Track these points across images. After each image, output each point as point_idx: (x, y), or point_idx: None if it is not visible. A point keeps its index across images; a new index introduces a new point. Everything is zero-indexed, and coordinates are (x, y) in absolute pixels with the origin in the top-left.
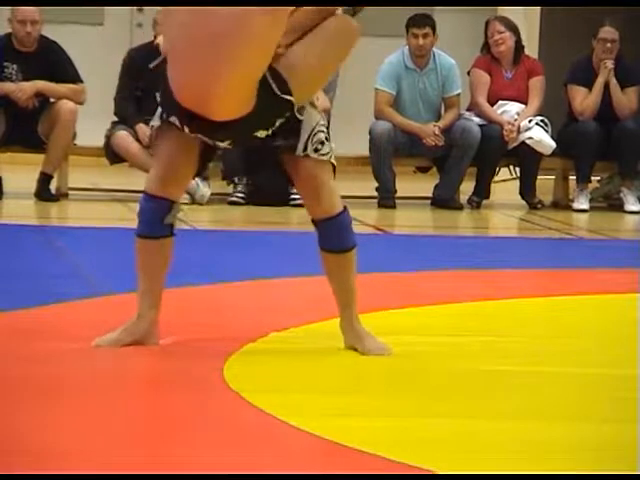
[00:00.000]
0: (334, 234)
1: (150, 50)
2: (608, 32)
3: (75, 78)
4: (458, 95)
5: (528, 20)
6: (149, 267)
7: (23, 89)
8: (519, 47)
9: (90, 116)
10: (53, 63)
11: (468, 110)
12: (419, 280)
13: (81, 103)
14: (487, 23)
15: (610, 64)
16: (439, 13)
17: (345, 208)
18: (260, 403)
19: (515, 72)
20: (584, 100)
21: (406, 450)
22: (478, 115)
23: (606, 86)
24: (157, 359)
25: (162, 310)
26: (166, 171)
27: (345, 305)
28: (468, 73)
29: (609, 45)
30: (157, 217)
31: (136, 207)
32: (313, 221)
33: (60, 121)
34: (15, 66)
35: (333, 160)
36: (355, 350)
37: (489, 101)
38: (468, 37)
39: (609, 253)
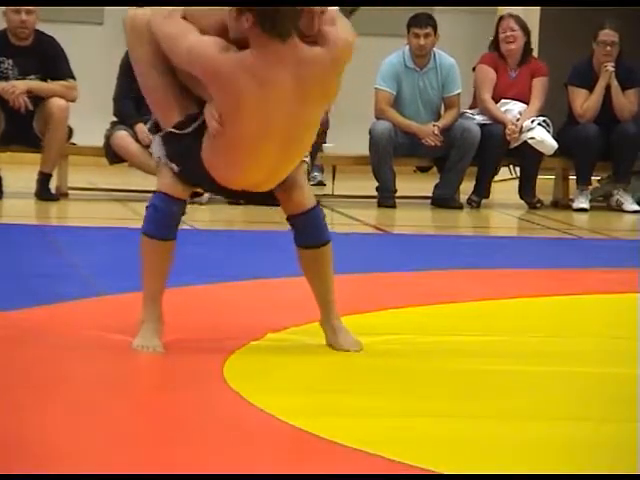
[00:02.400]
0: (309, 229)
1: None
2: (608, 35)
3: (67, 75)
4: (458, 95)
5: (528, 21)
6: (161, 269)
7: (15, 85)
8: (528, 48)
9: (90, 116)
10: (49, 58)
11: (471, 108)
12: (419, 280)
13: (72, 100)
14: (500, 19)
15: (611, 67)
16: (438, 13)
17: (318, 203)
18: (260, 403)
19: (520, 72)
20: (585, 102)
21: (406, 450)
22: (482, 112)
23: (606, 88)
24: (157, 359)
25: (162, 310)
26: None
27: (324, 301)
28: (473, 69)
29: (609, 48)
30: (176, 219)
31: (136, 207)
32: (288, 218)
33: (52, 119)
34: (11, 61)
35: (307, 159)
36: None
37: (492, 99)
38: (467, 37)
39: (609, 253)
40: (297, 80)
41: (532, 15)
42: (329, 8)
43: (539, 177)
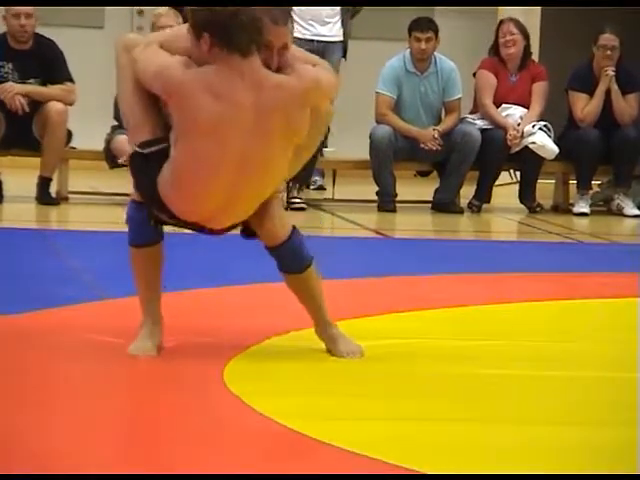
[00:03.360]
0: (287, 259)
1: None
2: (608, 39)
3: (66, 78)
4: (459, 99)
5: (528, 25)
6: (150, 275)
7: (12, 85)
8: (527, 52)
9: (90, 120)
10: (48, 61)
11: (472, 112)
12: (419, 284)
13: (71, 104)
14: (500, 23)
15: (611, 71)
16: (439, 17)
17: (293, 229)
18: (259, 406)
19: (520, 76)
20: (585, 107)
21: (404, 453)
22: (482, 117)
23: (607, 92)
24: (158, 361)
25: (164, 314)
26: None
27: (315, 312)
28: (474, 75)
29: (609, 52)
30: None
31: None
32: (266, 248)
33: (50, 123)
34: (11, 65)
35: (281, 193)
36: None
37: (493, 104)
38: (467, 41)
39: (609, 257)
40: (257, 105)
41: (532, 19)
42: (308, 56)
43: (539, 181)
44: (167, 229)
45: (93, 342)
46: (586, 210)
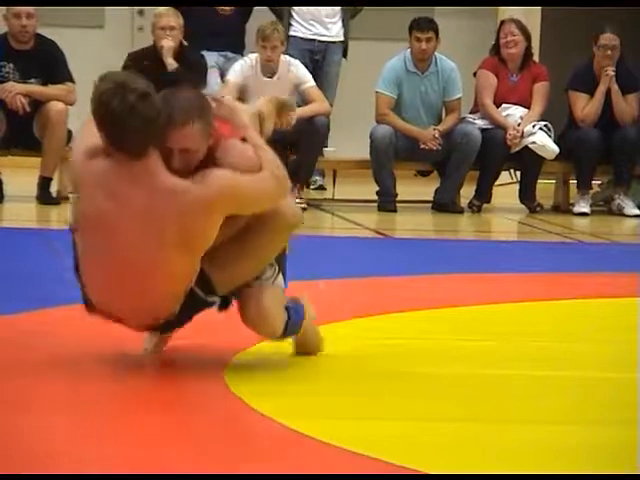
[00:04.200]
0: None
1: (151, 53)
2: (608, 38)
3: (66, 78)
4: (459, 99)
5: (529, 25)
6: None
7: (13, 85)
8: (528, 53)
9: None
10: (49, 61)
11: (472, 112)
12: (419, 284)
13: (71, 104)
14: (501, 24)
15: (611, 71)
16: (440, 17)
17: (287, 323)
18: (260, 406)
19: (521, 77)
20: (585, 107)
21: (403, 452)
22: (483, 117)
23: (607, 92)
24: (158, 361)
25: None
26: None
27: None
28: (474, 74)
29: (609, 52)
30: None
31: None
32: None
33: (50, 123)
34: (12, 65)
35: (280, 281)
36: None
37: (493, 104)
38: (468, 42)
39: (609, 257)
40: (147, 208)
41: (533, 19)
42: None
43: (540, 181)
44: None
45: (92, 342)
46: (586, 210)
